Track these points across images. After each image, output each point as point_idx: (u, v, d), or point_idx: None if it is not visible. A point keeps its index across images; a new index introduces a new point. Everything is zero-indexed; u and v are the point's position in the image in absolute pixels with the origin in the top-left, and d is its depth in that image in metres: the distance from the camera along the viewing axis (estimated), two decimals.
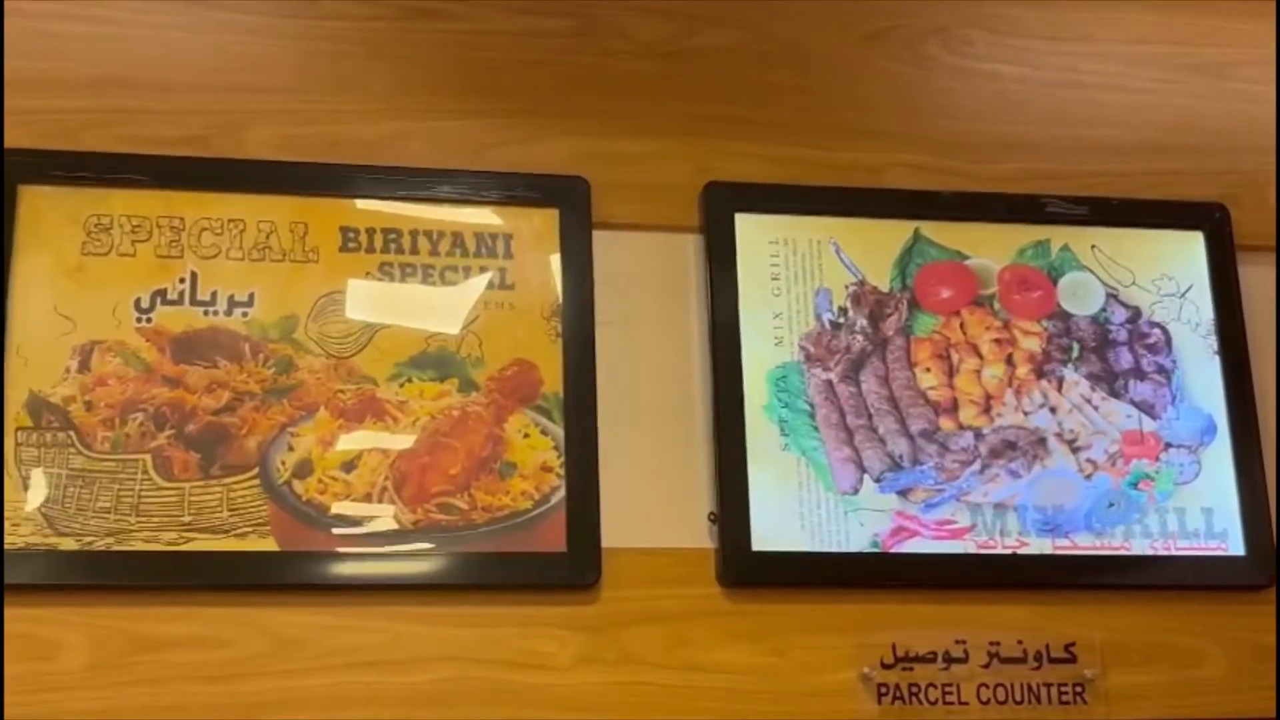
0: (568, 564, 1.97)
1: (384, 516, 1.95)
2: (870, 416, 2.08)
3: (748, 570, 2.00)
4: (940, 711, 2.00)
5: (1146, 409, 2.13)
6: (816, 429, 2.06)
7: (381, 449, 1.97)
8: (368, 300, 2.02)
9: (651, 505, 2.03)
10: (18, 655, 1.85)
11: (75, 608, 1.88)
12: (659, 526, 2.02)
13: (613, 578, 1.98)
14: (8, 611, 1.86)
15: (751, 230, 2.11)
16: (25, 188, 1.98)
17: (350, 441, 1.97)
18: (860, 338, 2.10)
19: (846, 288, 2.12)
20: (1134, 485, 2.10)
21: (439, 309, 2.04)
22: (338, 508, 1.94)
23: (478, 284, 2.05)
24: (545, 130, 2.14)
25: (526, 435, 2.01)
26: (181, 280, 1.99)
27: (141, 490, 1.91)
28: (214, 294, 1.99)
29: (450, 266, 2.06)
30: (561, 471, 2.00)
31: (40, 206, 1.98)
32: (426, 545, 1.95)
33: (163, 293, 1.98)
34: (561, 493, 1.99)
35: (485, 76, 2.15)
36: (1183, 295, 2.19)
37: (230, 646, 1.90)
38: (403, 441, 1.98)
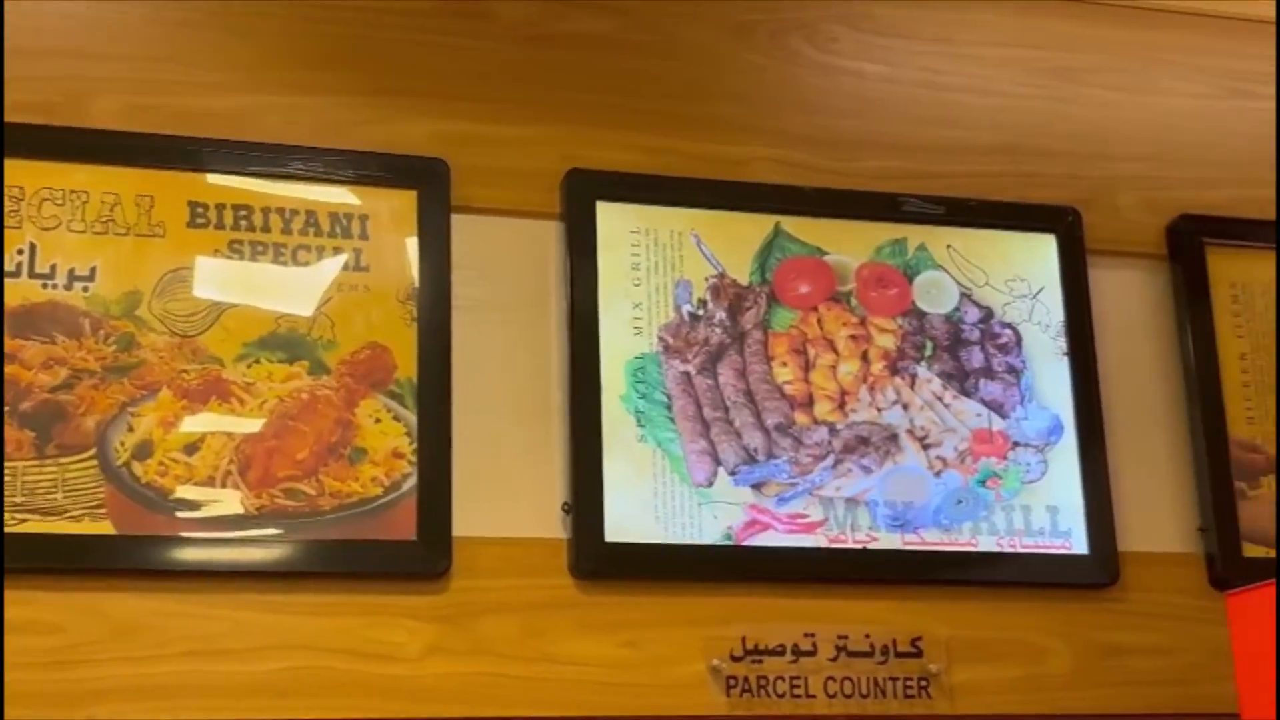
0: (418, 552, 1.91)
1: (228, 501, 1.86)
2: (727, 409, 2.04)
3: (601, 562, 1.96)
4: (788, 704, 1.97)
5: (996, 408, 2.13)
6: (673, 421, 2.02)
7: (226, 431, 1.89)
8: (216, 278, 1.93)
9: (505, 495, 1.97)
10: None
11: None
12: (512, 516, 1.97)
13: (464, 567, 1.92)
14: None
15: (613, 219, 2.07)
16: None
17: (194, 423, 1.88)
18: (719, 330, 2.07)
19: (706, 280, 2.09)
20: (982, 483, 2.09)
21: (290, 289, 1.96)
22: (179, 491, 1.85)
23: (332, 265, 1.97)
24: (406, 110, 2.06)
25: (378, 421, 1.94)
26: (20, 251, 1.88)
27: None
28: (53, 267, 1.89)
29: (303, 246, 1.98)
30: (413, 458, 1.93)
31: None
32: (272, 531, 1.87)
33: None
34: (413, 480, 1.92)
35: (346, 53, 2.07)
36: (1034, 297, 2.19)
37: (64, 632, 1.80)
38: (249, 424, 1.89)
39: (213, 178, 1.96)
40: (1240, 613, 1.65)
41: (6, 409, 1.83)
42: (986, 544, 2.07)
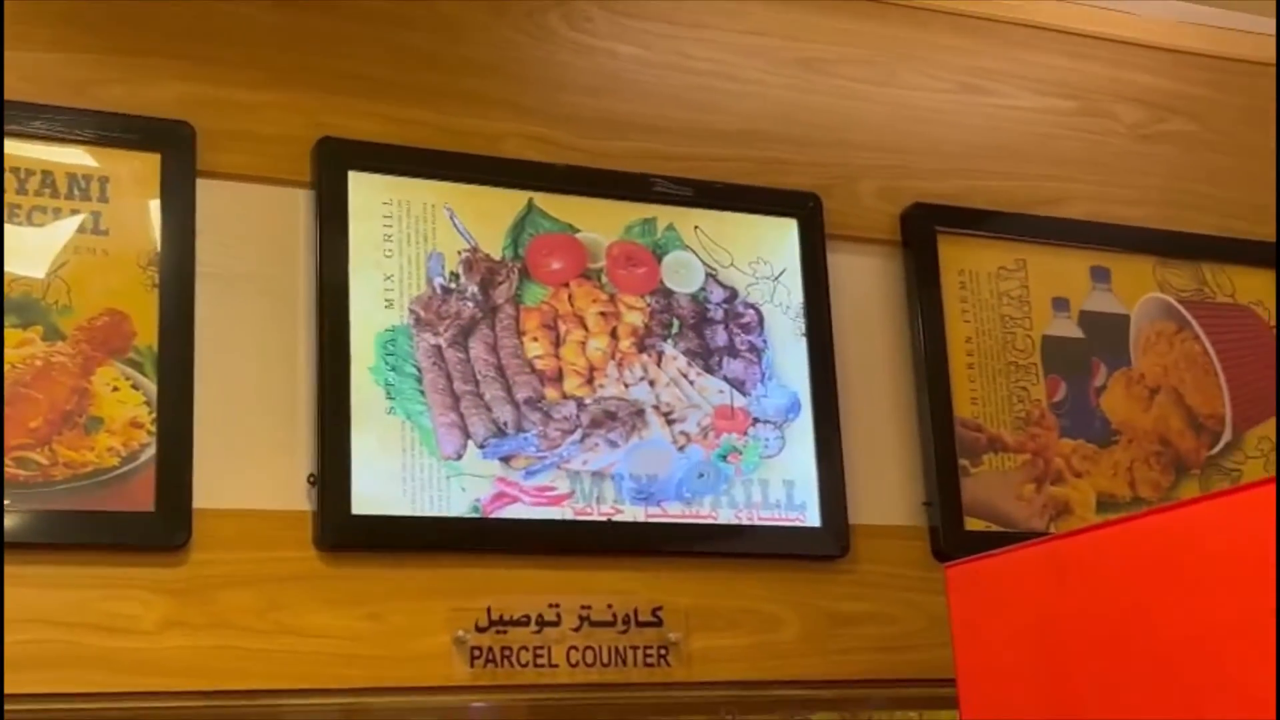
0: (156, 524, 1.84)
1: None
2: (478, 383, 2.02)
3: (347, 534, 1.92)
4: (531, 674, 1.97)
5: (738, 385, 2.15)
6: (423, 394, 1.99)
7: None
8: None
9: (249, 466, 1.91)
10: None
11: None
12: (256, 488, 1.91)
13: (204, 539, 1.86)
14: None
15: (365, 189, 2.02)
16: None
17: None
18: (471, 304, 2.04)
19: (459, 253, 2.05)
20: (723, 457, 2.12)
21: (24, 251, 1.86)
22: None
23: (68, 226, 1.87)
24: (152, 71, 1.97)
25: (116, 389, 1.86)
26: None
27: None
28: None
29: (39, 207, 1.87)
30: (153, 428, 1.85)
31: None
32: (5, 502, 1.77)
33: None
34: (152, 450, 1.85)
35: (89, 9, 1.97)
36: (776, 279, 2.22)
37: None
38: None
39: None
40: (958, 583, 1.71)
41: None
42: (726, 516, 2.10)
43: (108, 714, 1.83)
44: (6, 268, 1.83)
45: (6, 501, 1.77)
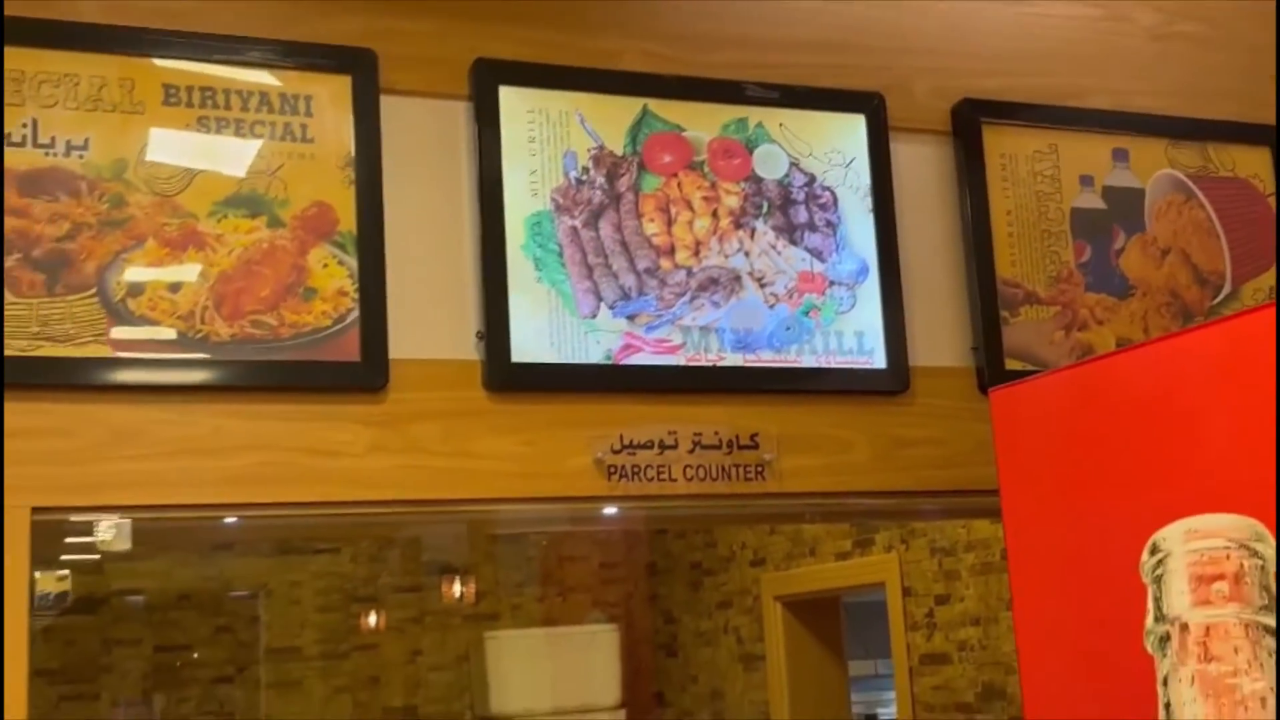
0: (361, 371, 2.18)
1: (206, 330, 2.11)
2: (606, 256, 2.34)
3: (507, 378, 2.25)
4: (655, 486, 2.30)
5: (817, 254, 2.46)
6: (564, 265, 2.31)
7: (203, 274, 2.13)
8: (188, 148, 2.16)
9: (430, 325, 2.25)
10: None
11: None
12: (437, 342, 2.25)
13: (399, 383, 2.20)
14: None
15: (513, 101, 2.32)
16: None
17: (176, 267, 2.12)
18: (599, 192, 2.35)
19: (589, 151, 2.36)
20: (805, 313, 2.43)
21: (249, 157, 2.19)
22: (167, 322, 2.10)
23: (283, 137, 2.20)
24: (342, 7, 2.28)
25: (326, 265, 2.20)
26: (24, 125, 2.08)
27: None
28: (53, 138, 2.09)
29: (259, 121, 2.20)
30: (355, 296, 2.19)
31: None
32: (243, 354, 2.13)
33: (8, 136, 2.07)
34: (356, 313, 2.19)
35: None
36: (847, 165, 2.50)
37: (75, 436, 2.05)
38: (221, 268, 2.14)
39: (182, 64, 2.17)
40: (1001, 404, 1.96)
41: (19, 256, 2.04)
42: (808, 361, 2.41)
43: (325, 518, 2.20)
44: (236, 171, 2.17)
45: (248, 354, 2.12)
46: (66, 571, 2.03)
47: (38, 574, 2.00)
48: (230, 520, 2.27)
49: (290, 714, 6.01)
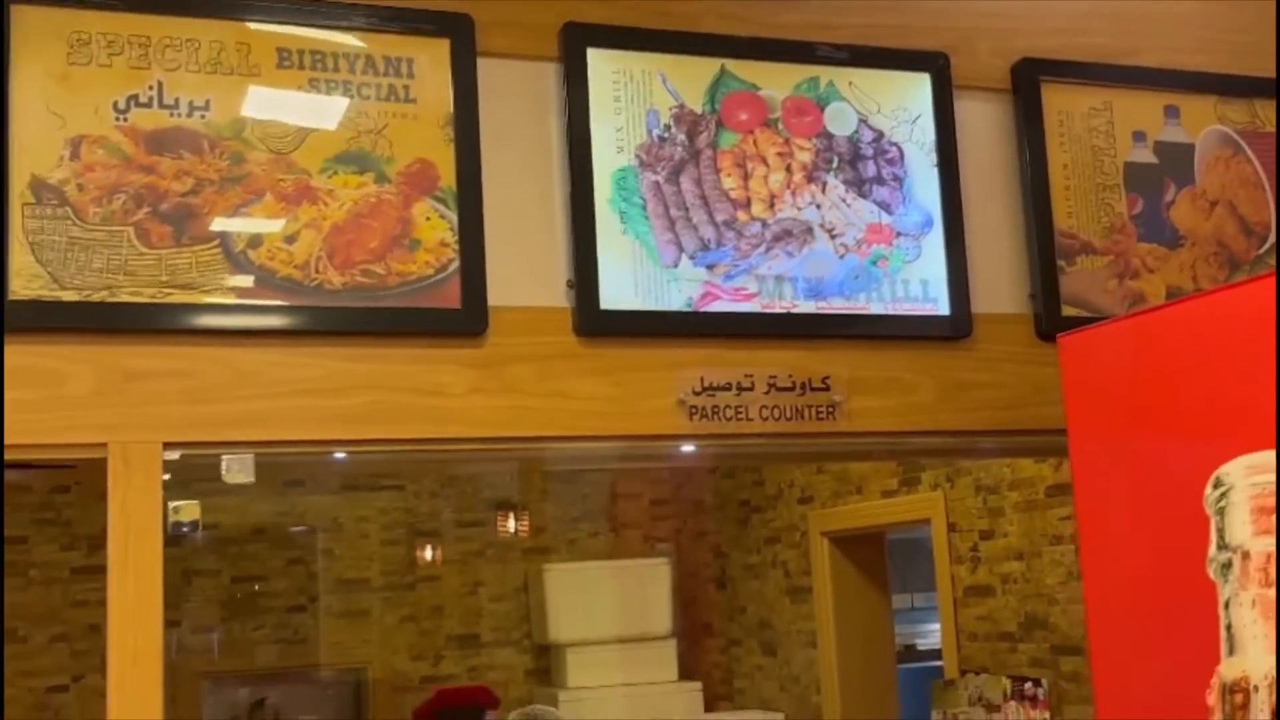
0: (462, 317, 2.29)
1: (320, 279, 2.22)
2: (687, 210, 2.43)
3: (597, 323, 2.35)
4: (733, 425, 2.40)
5: (884, 207, 2.54)
6: (647, 218, 2.40)
7: (316, 226, 2.23)
8: (300, 108, 2.25)
9: (525, 274, 2.35)
10: (33, 383, 2.09)
11: (78, 346, 2.11)
12: (531, 290, 2.35)
13: (497, 328, 2.31)
14: (19, 348, 2.07)
15: (599, 62, 2.41)
16: (17, 7, 2.12)
17: (291, 220, 2.22)
18: (680, 149, 2.44)
19: (670, 109, 2.44)
20: (874, 263, 2.51)
21: (356, 116, 2.28)
22: (284, 272, 2.20)
23: (387, 97, 2.29)
24: None
25: (428, 219, 2.30)
26: (151, 87, 2.18)
27: (127, 255, 2.13)
28: (177, 99, 2.19)
29: (364, 83, 2.30)
30: (456, 247, 2.29)
31: (29, 24, 2.13)
32: (354, 301, 2.23)
33: (135, 97, 2.17)
34: (456, 264, 2.29)
35: None
36: (913, 122, 2.58)
37: (200, 377, 2.17)
38: (332, 220, 2.24)
39: (294, 29, 2.27)
40: (1069, 349, 2.04)
41: (148, 210, 2.15)
42: (876, 308, 2.50)
43: (428, 453, 2.31)
44: (345, 130, 2.26)
45: (359, 302, 2.22)
46: (196, 502, 2.14)
47: (172, 504, 2.12)
48: (340, 456, 2.38)
49: (358, 640, 6.18)
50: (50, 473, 3.03)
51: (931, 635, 7.40)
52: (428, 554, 6.33)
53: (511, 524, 6.40)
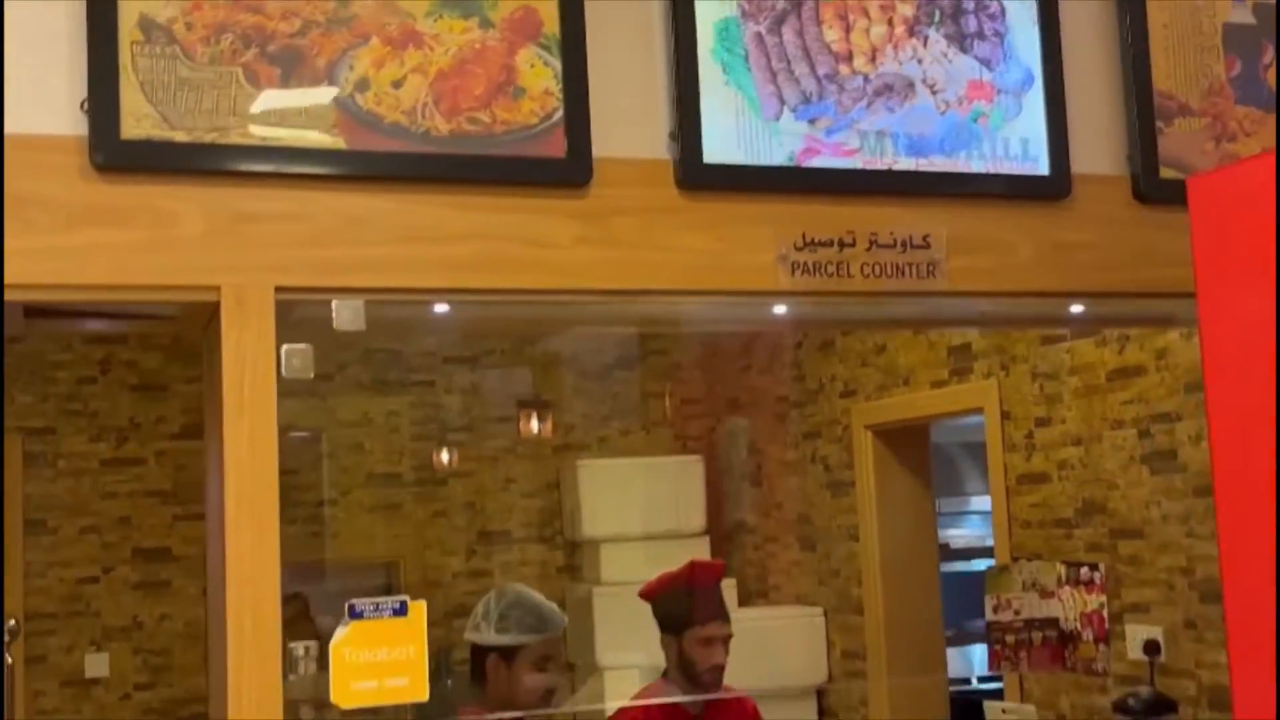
0: (567, 167, 2.30)
1: (427, 125, 2.22)
2: (789, 61, 2.43)
3: (699, 177, 2.36)
4: (833, 282, 2.42)
5: (986, 63, 2.54)
6: (749, 69, 2.41)
7: (422, 72, 2.23)
8: None
9: (629, 125, 2.36)
10: (147, 224, 2.10)
11: (190, 188, 2.12)
12: (634, 142, 2.36)
13: (601, 179, 2.32)
14: (130, 189, 2.08)
15: None
16: None
17: (397, 65, 2.22)
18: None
19: None
20: (974, 120, 2.52)
21: None
22: (391, 117, 2.21)
23: None
24: None
25: (533, 66, 2.30)
26: None
27: (236, 96, 2.14)
28: None
29: None
30: (561, 96, 2.30)
31: None
32: (461, 149, 2.24)
33: None
34: (561, 113, 2.29)
35: None
36: None
37: (310, 221, 2.18)
38: (439, 66, 2.24)
39: None
40: (1198, 191, 2.02)
41: (256, 51, 2.15)
42: (977, 166, 2.51)
43: (535, 302, 2.33)
44: None
45: (466, 149, 2.23)
46: (309, 346, 2.16)
47: (284, 346, 2.14)
48: (441, 309, 2.39)
49: (391, 534, 6.25)
50: (127, 327, 3.04)
51: (958, 539, 7.51)
52: (457, 452, 6.38)
53: (537, 424, 6.44)
